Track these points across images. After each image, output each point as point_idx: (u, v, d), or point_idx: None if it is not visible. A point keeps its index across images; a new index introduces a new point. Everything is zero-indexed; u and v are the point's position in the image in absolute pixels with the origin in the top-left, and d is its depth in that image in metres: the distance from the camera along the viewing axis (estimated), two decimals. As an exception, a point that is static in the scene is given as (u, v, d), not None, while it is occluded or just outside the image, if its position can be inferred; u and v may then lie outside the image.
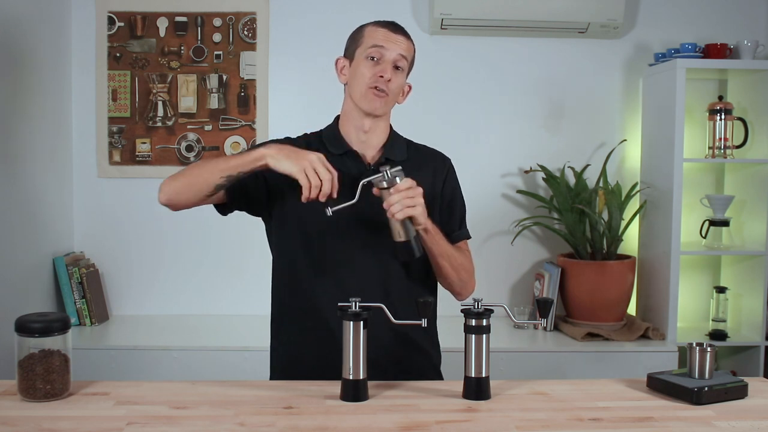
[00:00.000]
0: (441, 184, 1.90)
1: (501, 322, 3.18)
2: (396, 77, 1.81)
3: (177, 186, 1.75)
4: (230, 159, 1.71)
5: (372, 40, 1.80)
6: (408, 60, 1.84)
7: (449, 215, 1.91)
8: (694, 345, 1.65)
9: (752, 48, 3.06)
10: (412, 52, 1.85)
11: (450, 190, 1.92)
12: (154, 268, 3.29)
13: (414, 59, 1.89)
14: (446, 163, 1.95)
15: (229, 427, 1.41)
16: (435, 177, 1.89)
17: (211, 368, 2.76)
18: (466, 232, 1.94)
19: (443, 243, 1.79)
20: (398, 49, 1.80)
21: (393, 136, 1.91)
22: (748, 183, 3.19)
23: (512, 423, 1.45)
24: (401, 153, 1.88)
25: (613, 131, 3.37)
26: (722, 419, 1.49)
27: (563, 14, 3.11)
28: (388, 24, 1.83)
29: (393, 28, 1.82)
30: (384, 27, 1.82)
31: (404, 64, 1.82)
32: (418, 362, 1.87)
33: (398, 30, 1.83)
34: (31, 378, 1.53)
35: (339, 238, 1.79)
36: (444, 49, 3.30)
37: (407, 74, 1.88)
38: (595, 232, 3.11)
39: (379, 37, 1.80)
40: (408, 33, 1.86)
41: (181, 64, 3.24)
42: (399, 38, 1.81)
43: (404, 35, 1.83)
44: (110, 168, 3.25)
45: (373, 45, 1.79)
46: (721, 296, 3.13)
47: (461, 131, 3.32)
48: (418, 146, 1.96)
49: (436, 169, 1.91)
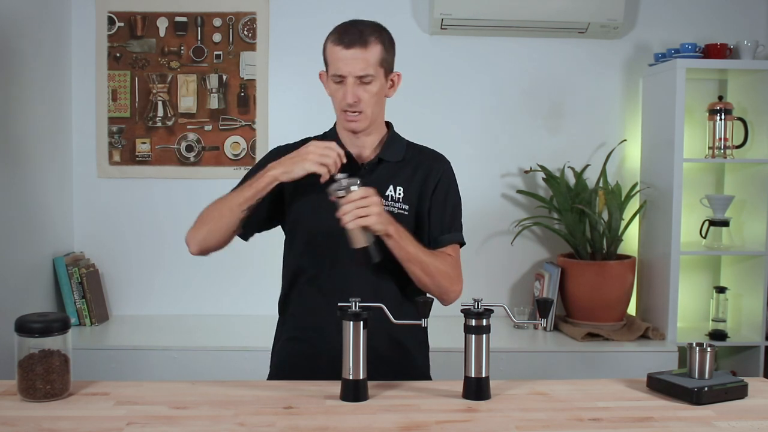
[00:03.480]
0: (433, 186, 1.86)
1: (501, 322, 3.18)
2: (366, 92, 1.75)
3: (203, 234, 1.82)
4: (244, 190, 1.75)
5: (332, 61, 1.76)
6: (375, 66, 1.74)
7: (439, 218, 1.86)
8: (694, 345, 1.65)
9: (752, 48, 3.06)
10: (378, 54, 1.74)
11: (443, 193, 1.87)
12: (154, 268, 3.29)
13: (387, 53, 1.77)
14: (442, 166, 1.90)
15: (229, 427, 1.41)
16: (428, 178, 1.86)
17: (211, 368, 2.76)
18: (455, 237, 1.87)
19: (411, 248, 1.73)
20: (356, 69, 1.72)
21: (391, 136, 1.89)
22: (748, 183, 3.19)
23: (512, 423, 1.45)
24: (398, 153, 1.87)
25: (613, 131, 3.37)
26: (722, 419, 1.49)
27: (563, 14, 3.11)
28: (343, 36, 1.73)
29: (347, 42, 1.72)
30: (339, 44, 1.73)
31: (370, 76, 1.74)
32: (404, 364, 1.85)
33: (353, 43, 1.72)
34: (31, 378, 1.53)
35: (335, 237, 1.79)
36: (444, 49, 3.30)
37: (387, 69, 1.79)
38: (595, 232, 3.11)
39: (336, 56, 1.73)
40: (369, 34, 1.74)
41: (181, 64, 3.24)
42: (355, 53, 1.72)
43: (361, 45, 1.72)
44: (110, 168, 3.25)
45: (333, 70, 1.75)
46: (721, 296, 3.13)
47: (461, 131, 3.32)
48: (418, 147, 1.93)
49: (430, 170, 1.87)
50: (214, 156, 3.26)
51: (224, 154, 3.26)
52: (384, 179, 1.83)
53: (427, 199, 1.85)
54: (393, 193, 1.82)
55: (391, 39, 1.82)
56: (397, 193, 1.82)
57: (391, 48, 1.80)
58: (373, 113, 1.79)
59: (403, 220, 1.80)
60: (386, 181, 1.83)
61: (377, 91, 1.77)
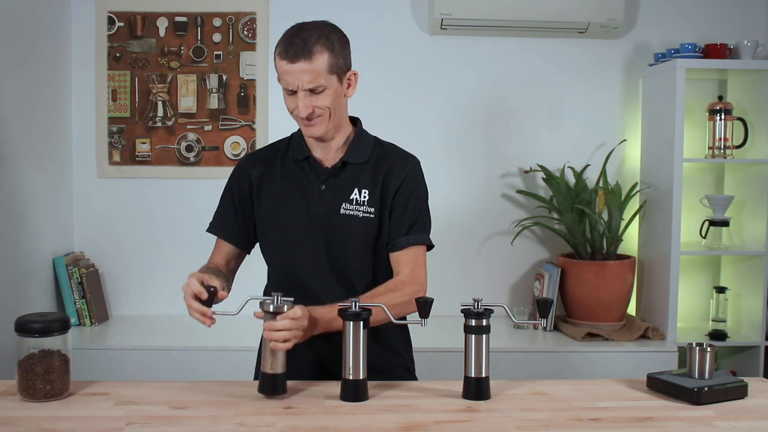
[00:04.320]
0: (396, 187, 1.80)
1: (501, 322, 3.18)
2: (319, 100, 1.70)
3: None
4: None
5: (281, 73, 1.72)
6: (324, 75, 1.69)
7: (398, 219, 1.80)
8: (694, 345, 1.65)
9: (752, 48, 3.06)
10: (325, 64, 1.69)
11: (405, 193, 1.80)
12: (153, 268, 3.29)
13: (336, 59, 1.71)
14: (408, 165, 1.83)
15: (229, 427, 1.41)
16: (389, 177, 1.80)
17: (211, 368, 2.77)
18: (416, 239, 1.80)
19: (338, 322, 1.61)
20: (303, 81, 1.68)
21: (357, 136, 1.85)
22: (748, 183, 3.19)
23: (512, 423, 1.46)
24: (363, 154, 1.83)
25: (613, 131, 3.37)
26: (722, 419, 1.49)
27: (563, 14, 3.11)
28: (288, 52, 1.69)
29: (291, 54, 1.68)
30: (284, 58, 1.69)
31: (321, 85, 1.69)
32: (388, 361, 1.85)
33: (297, 56, 1.67)
34: (31, 378, 1.53)
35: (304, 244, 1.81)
36: (444, 49, 3.30)
37: (340, 73, 1.73)
38: (595, 233, 3.11)
39: (283, 70, 1.70)
40: (313, 44, 1.68)
41: (181, 64, 3.24)
42: (300, 66, 1.67)
43: (305, 58, 1.67)
44: (110, 168, 3.25)
45: (283, 82, 1.72)
46: (721, 296, 3.13)
47: (461, 131, 3.31)
48: (385, 145, 1.88)
49: (392, 169, 1.81)
50: (214, 156, 3.26)
51: (224, 154, 3.26)
52: (349, 182, 1.81)
53: (389, 200, 1.80)
54: (358, 197, 1.80)
55: (342, 39, 1.76)
56: (362, 197, 1.80)
57: (342, 50, 1.73)
58: (333, 117, 1.75)
59: (369, 224, 1.79)
60: (351, 184, 1.80)
61: (331, 98, 1.72)
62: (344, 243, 1.79)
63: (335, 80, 1.72)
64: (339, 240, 1.78)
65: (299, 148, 1.85)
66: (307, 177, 1.82)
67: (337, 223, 1.78)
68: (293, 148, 1.86)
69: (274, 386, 1.57)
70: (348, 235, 1.79)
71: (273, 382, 1.57)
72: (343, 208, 1.79)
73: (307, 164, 1.83)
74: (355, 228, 1.78)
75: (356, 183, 1.81)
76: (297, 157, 1.84)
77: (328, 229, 1.79)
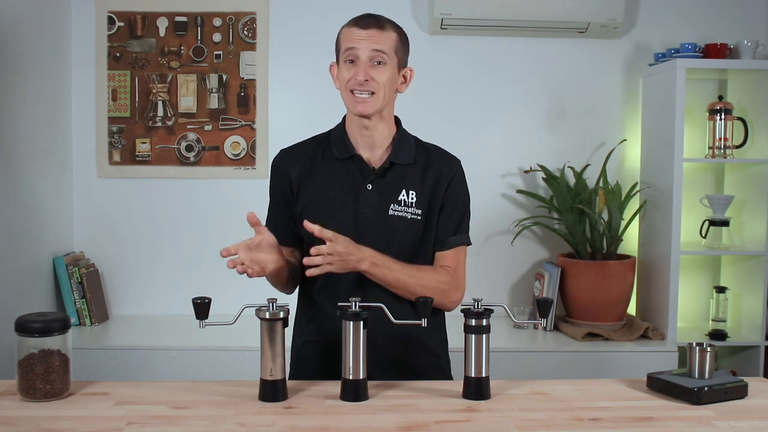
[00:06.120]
0: (444, 188, 1.83)
1: (501, 322, 3.18)
2: (378, 73, 1.73)
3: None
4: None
5: (346, 42, 1.75)
6: (389, 50, 1.74)
7: (446, 221, 1.83)
8: (694, 345, 1.65)
9: (752, 48, 3.06)
10: (393, 41, 1.75)
11: (453, 195, 1.84)
12: (153, 268, 3.29)
13: (401, 45, 1.78)
14: (454, 166, 1.86)
15: (229, 427, 1.41)
16: (439, 181, 1.83)
17: (211, 368, 2.76)
18: (461, 239, 1.85)
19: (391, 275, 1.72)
20: (371, 45, 1.72)
21: (400, 136, 1.86)
22: (748, 183, 3.19)
23: (512, 423, 1.46)
24: (408, 155, 1.83)
25: (613, 131, 3.37)
26: (722, 419, 1.49)
27: (563, 14, 3.11)
28: (360, 20, 1.75)
29: (364, 23, 1.74)
30: (354, 25, 1.74)
31: (384, 57, 1.73)
32: (423, 362, 1.85)
33: (370, 24, 1.74)
34: (31, 378, 1.53)
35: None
36: (444, 49, 3.30)
37: (401, 61, 1.79)
38: (595, 232, 3.11)
39: (351, 37, 1.73)
40: (385, 21, 1.76)
41: (181, 64, 3.24)
42: (371, 33, 1.72)
43: (378, 27, 1.73)
44: (110, 168, 3.25)
45: (347, 48, 1.74)
46: (721, 296, 3.13)
47: (461, 131, 3.31)
48: (428, 146, 1.90)
49: (441, 172, 1.84)
50: (214, 156, 3.26)
51: (224, 154, 3.26)
52: (396, 183, 1.80)
53: (438, 202, 1.82)
54: (406, 198, 1.80)
55: (407, 37, 1.82)
56: (410, 198, 1.80)
57: (406, 43, 1.80)
58: (384, 99, 1.76)
59: (416, 225, 1.79)
60: (398, 185, 1.80)
61: (389, 76, 1.75)
62: (390, 244, 1.76)
63: (395, 63, 1.76)
64: (385, 241, 1.76)
65: (343, 146, 1.82)
66: (352, 176, 1.80)
67: (385, 224, 1.77)
68: (336, 146, 1.83)
69: (274, 393, 1.56)
70: (395, 236, 1.77)
71: (273, 389, 1.57)
72: (392, 209, 1.78)
73: (353, 163, 1.81)
74: (402, 229, 1.78)
75: (403, 184, 1.80)
76: (341, 156, 1.82)
77: (375, 229, 1.77)
